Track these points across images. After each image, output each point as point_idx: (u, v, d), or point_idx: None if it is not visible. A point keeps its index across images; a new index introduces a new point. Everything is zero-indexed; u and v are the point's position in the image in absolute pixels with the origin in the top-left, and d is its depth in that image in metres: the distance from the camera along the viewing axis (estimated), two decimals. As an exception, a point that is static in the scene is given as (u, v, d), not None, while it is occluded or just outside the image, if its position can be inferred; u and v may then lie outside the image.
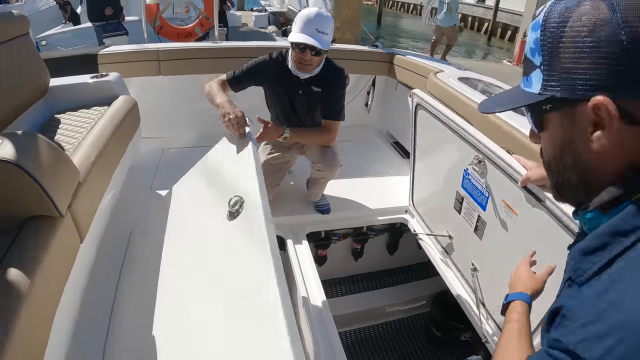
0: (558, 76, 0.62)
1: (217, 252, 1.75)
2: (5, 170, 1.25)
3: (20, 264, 1.18)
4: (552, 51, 0.62)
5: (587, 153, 0.62)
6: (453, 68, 3.02)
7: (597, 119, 0.59)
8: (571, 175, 0.68)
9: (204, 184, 2.14)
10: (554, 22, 0.62)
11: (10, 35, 2.21)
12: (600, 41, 0.57)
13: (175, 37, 5.04)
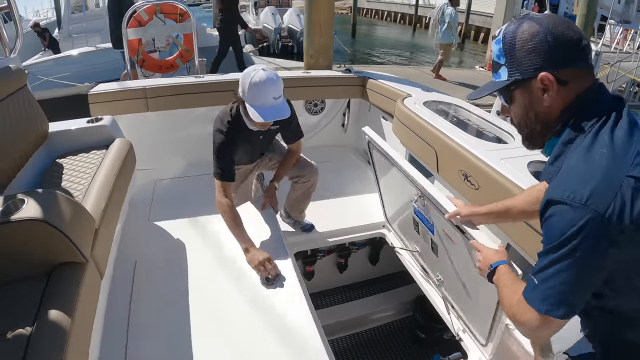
0: (517, 67, 1.04)
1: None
2: (36, 227, 1.45)
3: (59, 306, 1.39)
4: (510, 53, 1.05)
5: (542, 108, 1.05)
6: (420, 90, 3.29)
7: (544, 86, 1.02)
8: (536, 126, 1.09)
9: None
10: (509, 36, 1.05)
11: (11, 90, 2.35)
12: (537, 43, 1.00)
13: (157, 69, 5.25)
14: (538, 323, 1.00)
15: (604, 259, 0.92)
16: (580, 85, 1.02)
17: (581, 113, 1.01)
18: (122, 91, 3.25)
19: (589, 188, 0.89)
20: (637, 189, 0.87)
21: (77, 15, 11.74)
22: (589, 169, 0.92)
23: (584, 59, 1.01)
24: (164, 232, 2.72)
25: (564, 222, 0.91)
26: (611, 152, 0.92)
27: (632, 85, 11.31)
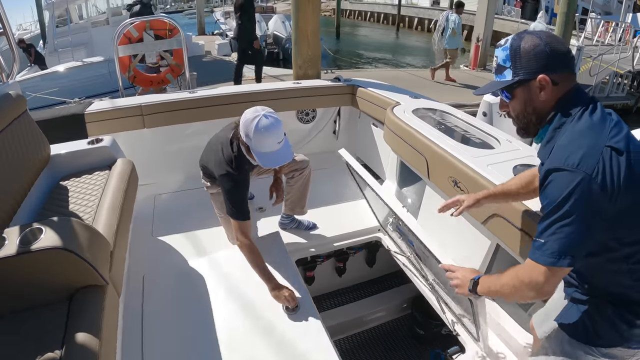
0: (520, 69, 1.30)
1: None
2: (57, 255, 1.53)
3: (86, 328, 1.47)
4: (515, 58, 1.31)
5: (539, 103, 1.32)
6: (408, 98, 3.40)
7: (541, 86, 1.29)
8: (532, 117, 1.36)
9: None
10: (515, 45, 1.31)
11: (12, 117, 2.39)
12: (538, 52, 1.27)
13: (148, 84, 5.33)
14: (544, 277, 1.22)
15: (598, 213, 1.16)
16: (566, 85, 1.30)
17: (567, 105, 1.29)
18: (119, 109, 3.31)
19: (579, 156, 1.16)
20: (613, 155, 1.15)
21: (62, 29, 11.71)
22: (577, 142, 1.19)
23: (571, 65, 1.32)
24: (169, 247, 2.81)
25: (561, 184, 1.17)
26: (592, 129, 1.21)
27: (615, 77, 11.55)
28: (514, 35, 1.34)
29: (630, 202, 1.17)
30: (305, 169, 2.81)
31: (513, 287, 1.33)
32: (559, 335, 1.49)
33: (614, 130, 1.20)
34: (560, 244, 1.18)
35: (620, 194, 1.14)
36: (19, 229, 1.63)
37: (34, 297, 1.63)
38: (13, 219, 2.10)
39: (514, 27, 19.43)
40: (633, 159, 1.16)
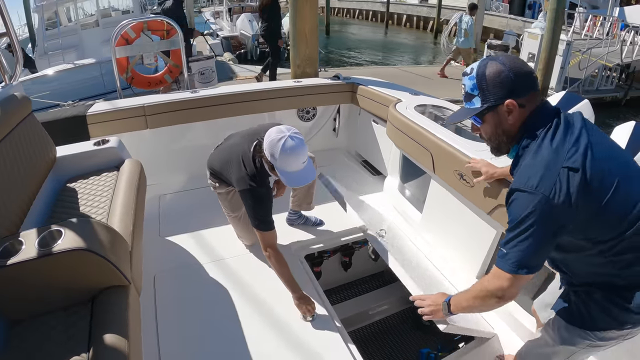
0: (488, 97, 1.38)
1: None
2: (80, 256, 1.53)
3: (114, 329, 1.47)
4: (482, 87, 1.38)
5: (507, 125, 1.40)
6: (409, 95, 3.45)
7: (508, 110, 1.37)
8: (502, 138, 1.44)
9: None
10: (480, 74, 1.38)
11: (19, 119, 2.37)
12: (503, 78, 1.35)
13: (146, 85, 5.31)
14: (508, 283, 1.37)
15: (558, 227, 1.29)
16: (532, 106, 1.38)
17: (532, 126, 1.37)
18: (121, 110, 3.30)
19: (537, 178, 1.27)
20: (570, 175, 1.25)
21: (51, 32, 11.59)
22: (538, 165, 1.29)
23: (535, 86, 1.39)
24: (177, 247, 2.83)
25: (522, 204, 1.29)
26: (552, 151, 1.29)
27: (604, 70, 11.70)
28: (478, 62, 1.41)
29: (592, 212, 1.28)
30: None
31: (481, 297, 1.49)
32: (557, 321, 1.57)
33: (573, 149, 1.28)
34: (519, 256, 1.32)
35: (579, 208, 1.26)
36: (36, 231, 1.62)
37: (54, 300, 1.62)
38: (24, 222, 2.09)
39: (502, 22, 19.58)
40: (589, 174, 1.25)
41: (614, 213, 1.29)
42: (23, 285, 1.55)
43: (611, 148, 1.38)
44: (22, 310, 1.61)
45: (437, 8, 23.47)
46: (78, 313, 1.61)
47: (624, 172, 1.32)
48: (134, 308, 1.66)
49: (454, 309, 1.69)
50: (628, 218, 1.30)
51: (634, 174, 1.35)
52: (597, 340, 1.46)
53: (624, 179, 1.29)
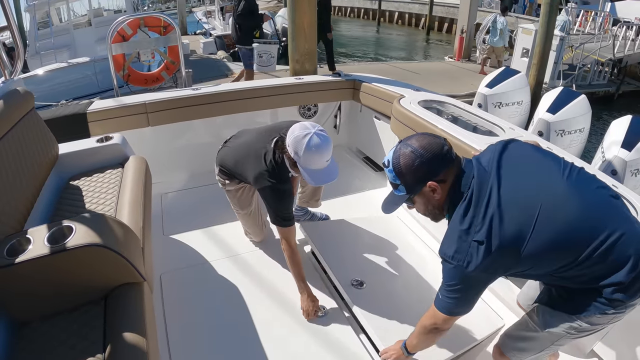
0: (409, 184, 1.49)
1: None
2: (95, 252, 1.48)
3: (132, 327, 1.43)
4: (401, 177, 1.48)
5: (435, 201, 1.52)
6: (411, 91, 3.44)
7: (431, 189, 1.47)
8: (435, 211, 1.57)
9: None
10: (396, 166, 1.48)
11: (21, 115, 2.31)
12: (417, 165, 1.44)
13: (143, 82, 5.26)
14: (442, 320, 1.58)
15: (480, 284, 1.46)
16: (452, 177, 1.47)
17: (452, 198, 1.48)
18: (122, 107, 3.24)
19: (452, 250, 1.42)
20: (478, 247, 1.36)
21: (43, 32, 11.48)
22: (452, 236, 1.44)
23: (449, 160, 1.46)
24: (182, 245, 2.80)
25: (445, 270, 1.48)
26: (462, 224, 1.41)
27: (597, 65, 11.78)
28: (392, 153, 1.51)
29: (511, 266, 1.42)
30: None
31: (423, 333, 1.69)
32: (541, 308, 1.61)
33: (479, 225, 1.38)
34: (451, 305, 1.52)
35: (492, 270, 1.41)
36: (45, 227, 1.58)
37: (66, 300, 1.57)
38: (28, 219, 2.05)
39: (494, 18, 19.61)
40: (499, 242, 1.35)
41: (549, 250, 1.37)
42: (32, 284, 1.50)
43: (527, 184, 1.43)
44: (31, 311, 1.56)
45: (429, 5, 23.48)
46: (90, 312, 1.56)
47: (547, 204, 1.37)
48: (148, 305, 1.62)
49: (411, 349, 1.84)
50: (572, 249, 1.36)
51: (559, 198, 1.40)
52: (583, 324, 1.47)
53: (547, 214, 1.36)
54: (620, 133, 4.47)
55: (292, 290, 2.40)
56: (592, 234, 1.34)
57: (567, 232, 1.35)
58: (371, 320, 2.15)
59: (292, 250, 2.33)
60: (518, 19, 16.46)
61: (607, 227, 1.34)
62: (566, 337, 1.56)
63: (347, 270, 2.47)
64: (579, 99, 5.38)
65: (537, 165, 1.49)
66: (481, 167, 1.47)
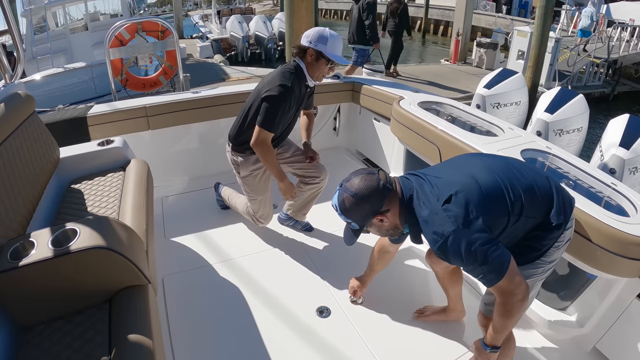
0: (358, 221, 1.66)
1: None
2: (100, 255, 1.47)
3: (138, 330, 1.42)
4: (349, 216, 1.65)
5: (386, 225, 1.66)
6: (410, 92, 3.45)
7: (380, 220, 1.64)
8: (390, 232, 1.72)
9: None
10: (342, 209, 1.64)
11: (21, 119, 2.29)
12: (358, 205, 1.61)
13: (141, 87, 5.26)
14: (511, 281, 1.47)
15: (485, 231, 1.47)
16: (395, 202, 1.62)
17: (406, 210, 1.61)
18: (122, 111, 3.24)
19: (439, 226, 1.49)
20: (447, 206, 1.50)
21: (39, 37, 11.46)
22: (432, 222, 1.52)
23: (387, 191, 1.61)
24: (183, 248, 2.80)
25: (451, 247, 1.47)
26: (428, 208, 1.54)
27: (592, 66, 11.84)
28: (336, 199, 1.66)
29: (490, 208, 1.52)
30: (322, 181, 2.83)
31: (507, 311, 1.55)
32: None
33: (433, 196, 1.54)
34: (490, 264, 1.46)
35: (475, 215, 1.48)
36: (48, 230, 1.57)
37: (69, 303, 1.56)
38: (30, 222, 2.04)
39: (490, 20, 19.72)
40: (456, 194, 1.51)
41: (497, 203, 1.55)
42: (36, 287, 1.49)
43: (450, 174, 1.65)
44: (35, 314, 1.55)
45: (425, 8, 23.57)
46: (95, 315, 1.55)
47: (475, 164, 1.66)
48: (153, 308, 1.62)
49: (496, 343, 1.70)
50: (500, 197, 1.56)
51: (487, 162, 1.68)
52: (547, 264, 1.67)
53: (471, 180, 1.57)
54: (618, 132, 4.49)
55: (295, 293, 2.41)
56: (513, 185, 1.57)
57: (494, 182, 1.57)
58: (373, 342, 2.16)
59: (267, 147, 2.50)
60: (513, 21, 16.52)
61: (525, 180, 1.60)
62: (538, 278, 1.71)
63: (345, 286, 2.47)
64: (577, 99, 5.40)
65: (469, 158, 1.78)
66: (418, 173, 1.69)
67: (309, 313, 2.30)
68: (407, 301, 2.39)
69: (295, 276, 2.58)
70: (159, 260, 2.59)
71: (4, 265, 1.44)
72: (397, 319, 2.28)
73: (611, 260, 1.80)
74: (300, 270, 2.63)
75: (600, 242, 1.81)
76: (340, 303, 2.37)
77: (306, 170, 2.81)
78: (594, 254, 1.83)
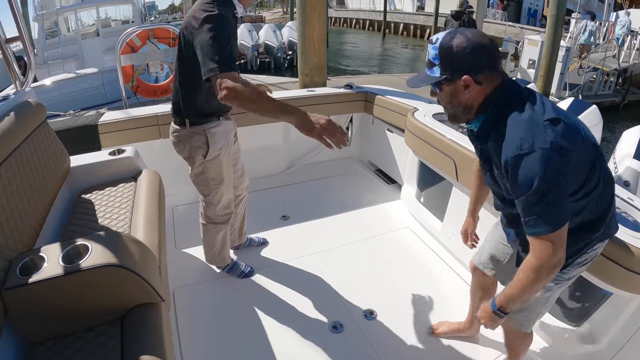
0: (447, 69, 1.38)
1: None
2: (112, 272, 1.43)
3: (151, 350, 1.38)
4: (443, 58, 1.37)
5: (463, 98, 1.41)
6: (424, 103, 3.41)
7: (465, 85, 1.37)
8: (459, 108, 1.45)
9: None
10: (444, 45, 1.37)
11: (33, 127, 2.26)
12: (463, 54, 1.34)
13: (152, 94, 5.25)
14: (557, 243, 1.32)
15: (563, 173, 1.28)
16: (492, 84, 1.40)
17: (500, 101, 1.39)
18: (134, 119, 3.21)
19: (530, 138, 1.27)
20: (550, 125, 1.29)
21: (51, 41, 11.54)
22: (524, 129, 1.30)
23: (495, 66, 1.39)
24: (194, 259, 2.76)
25: (527, 166, 1.27)
26: (531, 115, 1.32)
27: (602, 75, 11.75)
28: (446, 33, 1.41)
29: (579, 158, 1.34)
30: (246, 189, 2.71)
31: (534, 277, 1.38)
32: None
33: (544, 107, 1.35)
34: (552, 210, 1.30)
35: (568, 152, 1.29)
36: (59, 245, 1.53)
37: (80, 321, 1.52)
38: (40, 235, 2.00)
39: (499, 29, 19.69)
40: (564, 120, 1.32)
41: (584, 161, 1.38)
42: (46, 304, 1.45)
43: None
44: (44, 332, 1.50)
45: (434, 16, 23.59)
46: (106, 333, 1.51)
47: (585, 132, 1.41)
48: (166, 326, 1.57)
49: (505, 307, 1.52)
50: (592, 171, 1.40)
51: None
52: (564, 281, 1.59)
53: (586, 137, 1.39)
54: (632, 144, 4.41)
55: (308, 307, 2.36)
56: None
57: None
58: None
59: (251, 89, 1.86)
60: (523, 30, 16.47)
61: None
62: (555, 292, 1.64)
63: (358, 301, 2.43)
64: (591, 110, 5.34)
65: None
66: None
67: (322, 328, 2.26)
68: (421, 319, 2.34)
69: (308, 290, 2.53)
70: (170, 272, 2.54)
71: (13, 281, 1.40)
72: (412, 336, 2.23)
73: (627, 277, 1.75)
74: (314, 283, 2.58)
75: (616, 259, 1.76)
76: (353, 318, 2.32)
77: (234, 180, 2.53)
78: (610, 270, 1.78)
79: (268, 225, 3.15)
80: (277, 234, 3.05)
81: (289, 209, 3.36)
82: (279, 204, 3.46)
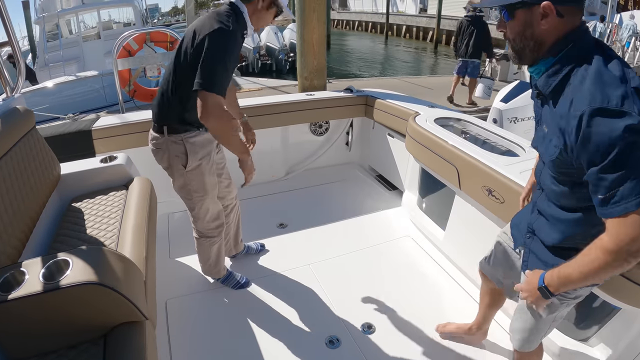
0: None
1: None
2: (91, 291, 1.36)
3: None
4: None
5: (539, 30, 1.21)
6: (426, 108, 3.32)
7: (544, 13, 1.18)
8: (529, 42, 1.25)
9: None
10: None
11: (21, 134, 2.21)
12: None
13: (149, 98, 5.18)
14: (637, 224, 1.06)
15: None
16: (572, 21, 1.20)
17: (581, 42, 1.20)
18: (129, 125, 3.14)
19: (618, 96, 1.06)
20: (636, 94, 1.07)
21: (52, 44, 11.53)
22: (611, 83, 1.09)
23: (580, 1, 1.22)
24: (188, 269, 2.68)
25: (611, 129, 1.04)
26: (619, 72, 1.11)
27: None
28: None
29: None
30: (237, 199, 2.64)
31: (604, 261, 1.15)
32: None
33: (630, 72, 1.13)
34: (637, 182, 1.04)
35: None
36: (40, 260, 1.46)
37: (62, 338, 1.46)
38: (26, 246, 1.94)
39: (503, 32, 19.57)
40: None
41: None
42: (26, 321, 1.39)
43: None
44: (26, 349, 1.45)
45: (437, 18, 23.54)
46: (89, 351, 1.45)
47: None
48: (150, 345, 1.50)
49: (556, 288, 1.32)
50: None
51: None
52: (571, 300, 1.47)
53: None
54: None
55: (303, 321, 2.28)
56: None
57: None
58: None
59: (228, 116, 1.94)
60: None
61: None
62: (562, 311, 1.53)
63: (356, 314, 2.36)
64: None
65: None
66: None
67: (318, 343, 2.17)
68: (423, 333, 2.26)
69: (304, 302, 2.45)
70: (163, 282, 2.49)
71: None
72: (413, 352, 2.14)
73: (636, 292, 1.67)
74: (310, 295, 2.50)
75: (625, 273, 1.68)
76: (351, 332, 2.24)
77: (221, 190, 2.48)
78: (618, 284, 1.71)
79: (264, 233, 3.07)
80: (274, 243, 2.97)
81: (287, 216, 3.28)
82: (276, 212, 3.38)
